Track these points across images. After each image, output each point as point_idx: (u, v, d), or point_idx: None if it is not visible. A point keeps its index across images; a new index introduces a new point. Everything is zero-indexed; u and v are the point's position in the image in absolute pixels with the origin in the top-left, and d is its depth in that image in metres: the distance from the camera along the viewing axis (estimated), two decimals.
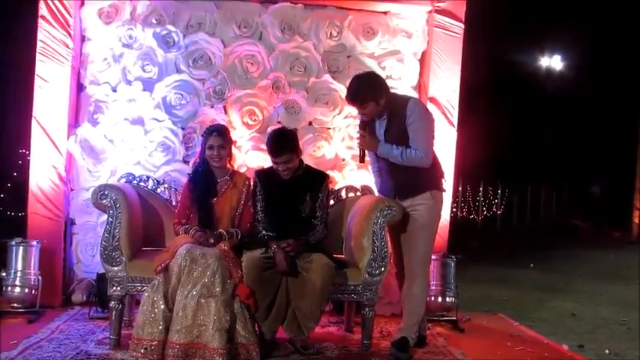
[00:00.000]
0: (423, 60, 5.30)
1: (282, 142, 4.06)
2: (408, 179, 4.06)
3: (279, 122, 5.06)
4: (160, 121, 4.98)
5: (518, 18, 16.53)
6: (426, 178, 4.07)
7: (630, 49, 16.28)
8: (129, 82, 5.01)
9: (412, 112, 3.98)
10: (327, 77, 5.15)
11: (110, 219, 3.97)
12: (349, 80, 5.14)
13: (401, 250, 4.19)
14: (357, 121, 5.08)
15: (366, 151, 4.22)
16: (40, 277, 4.65)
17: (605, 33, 16.69)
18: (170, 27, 5.04)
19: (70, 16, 4.91)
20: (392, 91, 5.13)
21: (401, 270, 4.22)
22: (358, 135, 4.17)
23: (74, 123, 5.01)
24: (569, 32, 17.37)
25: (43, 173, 4.88)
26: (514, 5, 14.99)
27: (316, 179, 4.21)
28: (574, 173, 20.22)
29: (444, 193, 4.23)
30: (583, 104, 18.93)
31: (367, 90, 4.02)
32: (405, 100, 4.11)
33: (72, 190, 5.02)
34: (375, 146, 4.09)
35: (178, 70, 5.06)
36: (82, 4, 5.04)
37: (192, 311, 3.62)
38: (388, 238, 4.17)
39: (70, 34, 4.91)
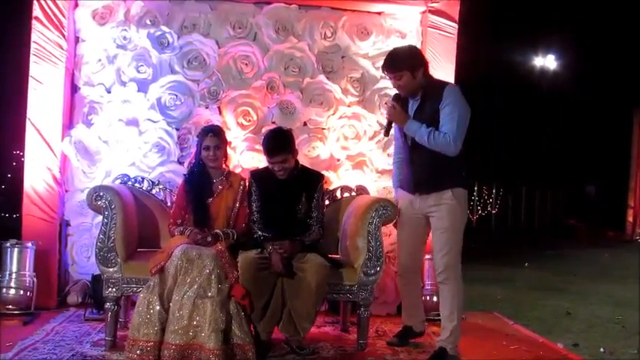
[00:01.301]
0: None
1: (278, 142, 4.06)
2: (429, 173, 3.89)
3: (273, 123, 5.07)
4: (155, 122, 4.98)
5: (511, 18, 16.56)
6: (448, 173, 3.87)
7: (624, 49, 16.33)
8: (123, 83, 5.01)
9: (448, 95, 3.80)
10: (322, 78, 5.16)
11: (105, 220, 3.96)
12: (344, 79, 5.19)
13: (414, 249, 4.14)
14: (352, 122, 5.14)
15: (394, 142, 4.21)
16: (35, 279, 4.65)
17: (598, 33, 16.74)
18: (164, 28, 5.04)
19: (64, 17, 4.91)
20: (385, 92, 5.18)
21: (405, 272, 4.21)
22: (389, 106, 4.02)
23: (68, 124, 5.01)
24: (562, 32, 17.43)
25: (37, 175, 4.87)
26: (507, 5, 15.04)
27: (312, 179, 4.22)
28: (569, 173, 20.26)
29: (466, 192, 3.98)
30: (577, 104, 18.98)
31: (404, 58, 3.90)
32: (444, 83, 3.97)
33: (67, 191, 5.01)
34: (404, 120, 3.91)
35: (173, 71, 5.06)
36: (76, 5, 5.04)
37: (188, 312, 3.61)
38: (393, 238, 4.14)
39: (64, 36, 4.90)
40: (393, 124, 4.08)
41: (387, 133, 4.15)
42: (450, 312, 3.94)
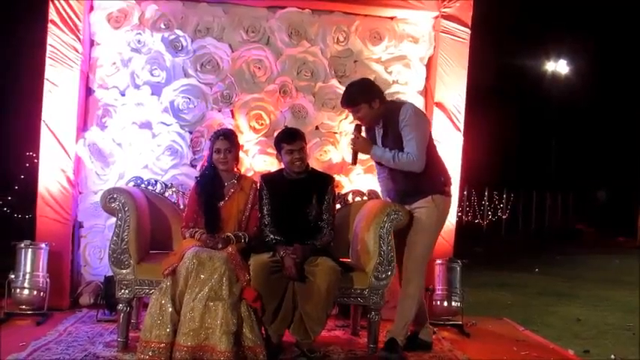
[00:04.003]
0: (430, 65, 5.33)
1: (296, 130, 4.25)
2: (409, 185, 4.09)
3: (285, 126, 5.08)
4: (168, 125, 5.02)
5: (524, 23, 16.55)
6: (426, 183, 4.09)
7: (637, 55, 16.28)
8: (137, 86, 5.05)
9: (404, 116, 4.02)
10: (334, 82, 5.18)
11: (119, 222, 4.00)
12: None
13: (402, 252, 4.22)
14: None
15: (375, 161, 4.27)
16: (48, 280, 4.68)
17: (611, 39, 16.69)
18: (178, 32, 5.08)
19: (80, 20, 4.95)
20: (397, 96, 5.20)
21: (400, 272, 4.24)
22: (353, 137, 4.23)
23: (83, 127, 5.05)
24: (575, 37, 17.39)
25: (51, 176, 4.92)
26: (520, 11, 15.03)
27: (322, 182, 4.24)
28: (579, 178, 20.20)
29: (449, 198, 4.22)
30: (589, 109, 18.92)
31: (359, 93, 4.12)
32: (400, 104, 4.16)
33: (80, 193, 5.05)
34: (369, 149, 4.16)
35: (186, 75, 5.10)
36: (92, 8, 5.08)
37: (200, 314, 3.64)
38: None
39: (79, 39, 4.95)
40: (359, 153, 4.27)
41: (354, 162, 4.30)
42: (410, 308, 4.13)
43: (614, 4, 15.10)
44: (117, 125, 5.00)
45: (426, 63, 5.34)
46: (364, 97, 4.10)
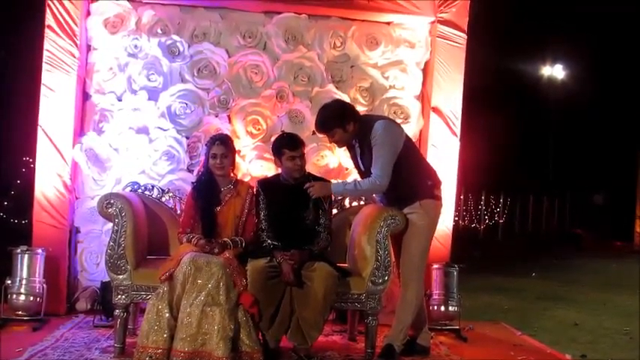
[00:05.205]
0: (426, 70, 5.34)
1: (297, 136, 4.23)
2: (397, 193, 4.10)
3: (283, 132, 5.08)
4: (165, 130, 5.01)
5: (520, 28, 16.60)
6: (413, 189, 4.11)
7: (632, 57, 16.32)
8: (134, 92, 5.05)
9: (374, 134, 4.00)
10: (331, 87, 5.19)
11: (116, 227, 3.99)
12: (353, 88, 5.22)
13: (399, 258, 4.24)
14: None
15: None
16: (44, 285, 4.67)
17: (608, 43, 16.74)
18: (175, 37, 5.08)
19: (76, 25, 4.95)
20: (394, 101, 5.21)
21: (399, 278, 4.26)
22: (309, 189, 4.11)
23: (79, 132, 5.04)
24: (572, 42, 17.44)
25: (48, 181, 4.91)
26: (516, 16, 15.08)
27: None
28: (576, 182, 20.23)
29: (439, 202, 4.20)
30: (586, 113, 18.97)
31: (332, 118, 4.11)
32: (374, 122, 4.09)
33: (77, 198, 5.05)
34: (328, 189, 4.15)
35: (183, 80, 5.10)
36: (88, 14, 5.08)
37: (197, 320, 3.63)
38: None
39: (76, 44, 4.94)
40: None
41: (324, 208, 4.21)
42: (408, 313, 4.14)
43: (610, 8, 15.15)
44: (114, 130, 4.99)
45: (423, 68, 5.35)
46: (338, 121, 4.09)
